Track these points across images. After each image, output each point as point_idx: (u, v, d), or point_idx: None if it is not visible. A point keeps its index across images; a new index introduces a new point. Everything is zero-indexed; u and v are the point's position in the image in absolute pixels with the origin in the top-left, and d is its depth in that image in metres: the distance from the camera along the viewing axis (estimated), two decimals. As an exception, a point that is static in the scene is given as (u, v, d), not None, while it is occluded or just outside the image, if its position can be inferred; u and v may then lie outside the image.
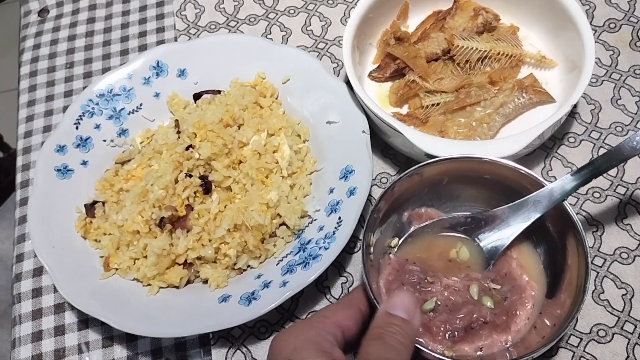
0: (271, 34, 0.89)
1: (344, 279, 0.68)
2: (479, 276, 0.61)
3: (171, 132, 0.74)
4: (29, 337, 0.68)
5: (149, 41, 0.90)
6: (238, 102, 0.75)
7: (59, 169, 0.72)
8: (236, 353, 0.65)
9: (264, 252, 0.68)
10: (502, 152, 0.64)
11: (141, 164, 0.73)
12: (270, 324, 0.66)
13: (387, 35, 0.80)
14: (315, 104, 0.75)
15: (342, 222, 0.65)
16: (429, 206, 0.66)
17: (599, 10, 0.85)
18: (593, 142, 0.74)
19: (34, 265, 0.72)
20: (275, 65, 0.78)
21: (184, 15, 0.92)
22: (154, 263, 0.66)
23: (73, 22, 0.93)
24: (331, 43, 0.87)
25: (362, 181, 0.67)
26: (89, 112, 0.76)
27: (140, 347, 0.67)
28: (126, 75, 0.79)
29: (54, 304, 0.70)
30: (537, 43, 0.80)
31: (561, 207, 0.58)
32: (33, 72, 0.89)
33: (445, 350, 0.57)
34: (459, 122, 0.73)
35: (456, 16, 0.79)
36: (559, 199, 0.58)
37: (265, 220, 0.66)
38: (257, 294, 0.63)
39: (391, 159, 0.76)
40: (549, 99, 0.74)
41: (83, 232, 0.70)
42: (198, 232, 0.67)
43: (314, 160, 0.73)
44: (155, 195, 0.67)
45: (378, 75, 0.79)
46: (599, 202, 0.70)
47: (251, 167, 0.70)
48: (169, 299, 0.66)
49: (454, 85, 0.75)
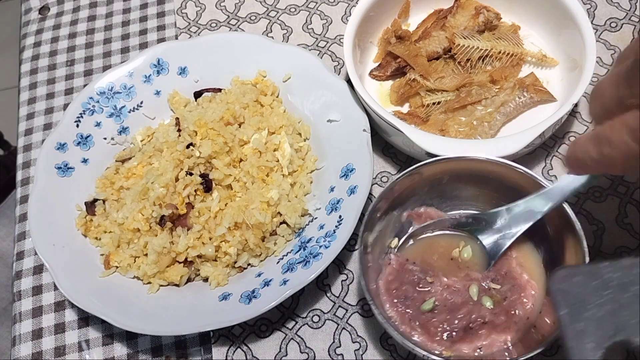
0: (272, 32, 0.89)
1: (344, 276, 0.69)
2: (479, 276, 0.61)
3: (172, 130, 0.74)
4: (29, 335, 0.68)
5: (150, 39, 0.90)
6: (239, 100, 0.75)
7: (60, 166, 0.72)
8: (237, 352, 0.65)
9: (265, 250, 0.68)
10: (503, 151, 0.64)
11: (142, 162, 0.73)
12: (271, 323, 0.66)
13: (388, 33, 0.80)
14: (316, 103, 0.75)
15: (343, 221, 0.65)
16: (429, 205, 0.66)
17: (600, 10, 0.85)
18: (594, 142, 0.74)
19: (35, 263, 0.72)
20: (276, 63, 0.78)
21: (185, 13, 0.92)
22: (154, 261, 0.66)
23: (74, 20, 0.93)
24: (332, 41, 0.87)
25: (363, 180, 0.67)
26: (90, 110, 0.77)
27: (140, 345, 0.67)
28: (127, 73, 0.79)
29: (54, 302, 0.70)
30: (538, 42, 0.80)
31: (560, 206, 0.58)
32: (34, 70, 0.89)
33: (443, 351, 0.57)
34: (460, 121, 0.73)
35: (457, 15, 0.79)
36: (561, 199, 0.58)
37: (266, 219, 0.66)
38: (257, 292, 0.63)
39: (392, 158, 0.76)
40: (550, 98, 0.74)
41: (83, 230, 0.70)
42: (198, 230, 0.67)
43: (314, 158, 0.73)
44: (155, 193, 0.67)
45: (379, 73, 0.79)
46: (600, 202, 0.70)
47: (252, 165, 0.70)
48: (170, 297, 0.66)
49: (455, 84, 0.75)
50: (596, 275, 0.44)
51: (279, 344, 0.65)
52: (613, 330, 0.42)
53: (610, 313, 0.42)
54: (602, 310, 0.42)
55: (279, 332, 0.66)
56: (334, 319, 0.66)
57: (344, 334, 0.65)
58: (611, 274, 0.44)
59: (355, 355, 0.64)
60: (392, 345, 0.64)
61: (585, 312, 0.42)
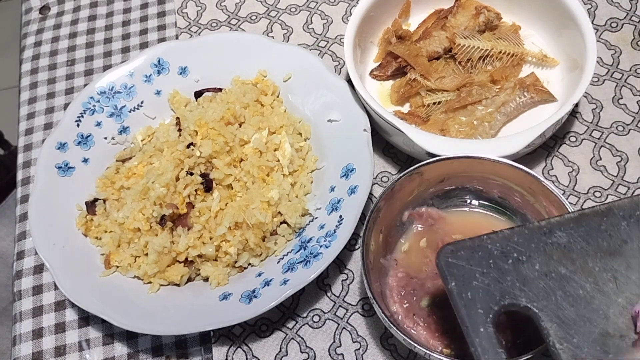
0: (272, 32, 0.89)
1: (344, 276, 0.68)
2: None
3: (172, 130, 0.74)
4: (29, 335, 0.68)
5: (150, 39, 0.90)
6: (239, 100, 0.75)
7: (60, 166, 0.72)
8: (237, 351, 0.65)
9: (265, 250, 0.68)
10: (503, 151, 0.64)
11: (142, 162, 0.73)
12: (271, 322, 0.66)
13: (388, 33, 0.80)
14: (317, 102, 0.75)
15: (343, 221, 0.65)
16: (430, 205, 0.66)
17: (601, 10, 0.85)
18: (594, 142, 0.74)
19: (35, 263, 0.72)
20: (277, 63, 0.78)
21: (185, 13, 0.92)
22: (154, 261, 0.66)
23: (74, 20, 0.93)
24: (332, 41, 0.87)
25: (363, 179, 0.67)
26: (90, 110, 0.76)
27: (140, 344, 0.67)
28: (127, 72, 0.79)
29: (54, 302, 0.70)
30: (538, 42, 0.80)
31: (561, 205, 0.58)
32: (34, 70, 0.89)
33: (443, 349, 0.57)
34: (460, 121, 0.73)
35: (458, 15, 0.79)
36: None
37: (266, 218, 0.66)
38: (257, 292, 0.63)
39: (392, 158, 0.76)
40: (550, 98, 0.74)
41: (84, 229, 0.70)
42: (199, 230, 0.67)
43: (315, 158, 0.73)
44: (156, 193, 0.67)
45: (379, 73, 0.79)
46: (600, 202, 0.70)
47: (252, 165, 0.70)
48: (170, 297, 0.66)
49: (456, 84, 0.75)
50: (480, 247, 0.47)
51: (280, 343, 0.65)
52: (499, 295, 0.45)
53: (495, 280, 0.46)
54: (487, 278, 0.46)
55: (280, 331, 0.66)
56: (335, 319, 0.66)
57: (344, 333, 0.65)
58: (493, 245, 0.47)
59: (355, 355, 0.64)
60: (393, 344, 0.64)
61: (473, 281, 0.46)
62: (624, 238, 0.48)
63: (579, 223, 0.49)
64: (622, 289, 0.46)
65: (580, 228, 0.48)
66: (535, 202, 0.61)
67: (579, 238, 0.48)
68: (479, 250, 0.47)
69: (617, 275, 0.46)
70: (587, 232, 0.48)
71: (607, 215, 0.49)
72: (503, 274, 0.46)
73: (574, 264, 0.47)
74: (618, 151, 0.73)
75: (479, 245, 0.47)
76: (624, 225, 0.48)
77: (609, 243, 0.48)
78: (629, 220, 0.49)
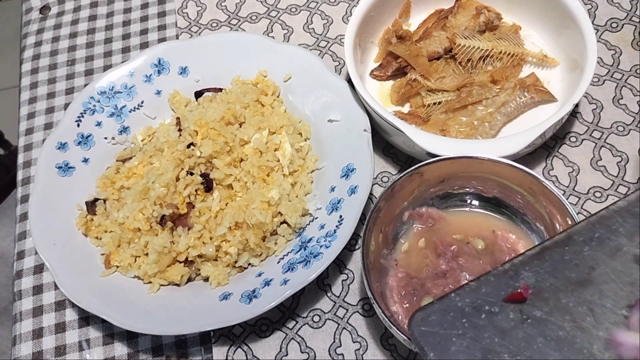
0: (273, 32, 0.89)
1: (345, 276, 0.68)
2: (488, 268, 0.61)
3: (172, 130, 0.74)
4: (29, 335, 0.68)
5: (151, 39, 0.90)
6: (239, 100, 0.75)
7: (60, 166, 0.72)
8: (237, 351, 0.65)
9: (265, 250, 0.68)
10: (504, 151, 0.64)
11: (142, 162, 0.73)
12: (272, 322, 0.66)
13: (388, 33, 0.80)
14: (317, 102, 0.75)
15: (343, 221, 0.65)
16: (430, 205, 0.66)
17: (601, 10, 0.85)
18: (594, 142, 0.74)
19: (35, 263, 0.72)
20: (277, 63, 0.78)
21: (186, 13, 0.92)
22: (154, 261, 0.66)
23: (74, 20, 0.93)
24: (333, 41, 0.87)
25: (363, 180, 0.67)
26: (90, 110, 0.77)
27: (140, 344, 0.67)
28: (127, 72, 0.79)
29: (54, 302, 0.70)
30: (538, 42, 0.80)
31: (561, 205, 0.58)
32: (34, 70, 0.89)
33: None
34: (461, 121, 0.73)
35: (458, 15, 0.79)
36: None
37: (267, 219, 0.66)
38: (258, 292, 0.63)
39: (392, 158, 0.76)
40: (550, 98, 0.74)
41: (84, 229, 0.70)
42: (199, 230, 0.67)
43: (315, 158, 0.73)
44: (156, 193, 0.67)
45: (380, 73, 0.79)
46: (601, 202, 0.70)
47: (252, 165, 0.70)
48: (170, 297, 0.66)
49: (456, 84, 0.75)
50: (450, 308, 0.45)
51: (280, 343, 0.65)
52: (481, 356, 0.43)
53: (473, 340, 0.43)
54: (465, 339, 0.43)
55: (280, 331, 0.66)
56: (335, 319, 0.66)
57: (344, 333, 0.65)
58: (462, 302, 0.45)
59: (355, 355, 0.64)
60: (393, 344, 0.64)
61: (451, 346, 0.43)
62: (590, 264, 0.46)
63: (543, 258, 0.46)
64: (601, 321, 0.43)
65: (544, 264, 0.46)
66: (536, 202, 0.62)
67: (546, 275, 0.46)
68: (450, 311, 0.45)
69: (593, 307, 0.44)
70: (553, 266, 0.46)
71: (567, 244, 0.47)
72: (479, 331, 0.44)
73: (548, 304, 0.45)
74: (618, 151, 0.74)
75: (449, 305, 0.45)
76: (586, 250, 0.46)
77: (576, 273, 0.46)
78: (590, 244, 0.47)
